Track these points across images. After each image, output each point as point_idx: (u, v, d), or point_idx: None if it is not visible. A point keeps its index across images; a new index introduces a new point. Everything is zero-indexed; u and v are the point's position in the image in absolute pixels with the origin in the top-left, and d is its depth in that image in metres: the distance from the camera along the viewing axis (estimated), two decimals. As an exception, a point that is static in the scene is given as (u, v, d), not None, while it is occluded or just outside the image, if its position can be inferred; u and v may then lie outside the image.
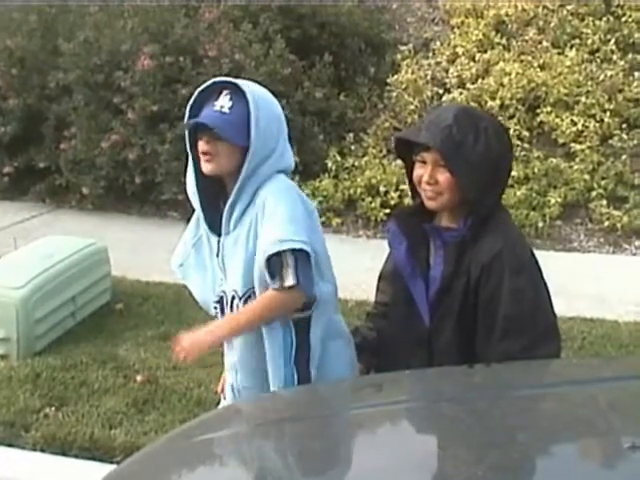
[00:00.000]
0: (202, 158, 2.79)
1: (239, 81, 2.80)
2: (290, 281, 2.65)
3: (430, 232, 2.63)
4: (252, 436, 2.19)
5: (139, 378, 4.78)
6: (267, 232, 2.68)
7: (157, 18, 8.15)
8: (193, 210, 2.97)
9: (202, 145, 2.77)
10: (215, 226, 2.87)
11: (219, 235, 2.86)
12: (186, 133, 2.88)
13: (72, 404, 4.53)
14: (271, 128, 2.79)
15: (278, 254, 2.64)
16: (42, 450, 4.15)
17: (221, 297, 2.89)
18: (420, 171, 2.55)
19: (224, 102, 2.76)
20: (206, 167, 2.79)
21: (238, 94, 2.75)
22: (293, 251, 2.64)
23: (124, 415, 4.41)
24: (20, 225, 7.81)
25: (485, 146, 2.48)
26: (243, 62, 7.76)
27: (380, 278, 2.93)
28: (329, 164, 8.07)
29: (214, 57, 7.74)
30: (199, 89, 2.85)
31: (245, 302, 2.79)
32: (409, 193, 2.78)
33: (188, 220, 3.04)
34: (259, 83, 2.96)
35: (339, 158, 8.16)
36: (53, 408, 4.46)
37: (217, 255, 2.88)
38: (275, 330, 2.77)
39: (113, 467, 3.14)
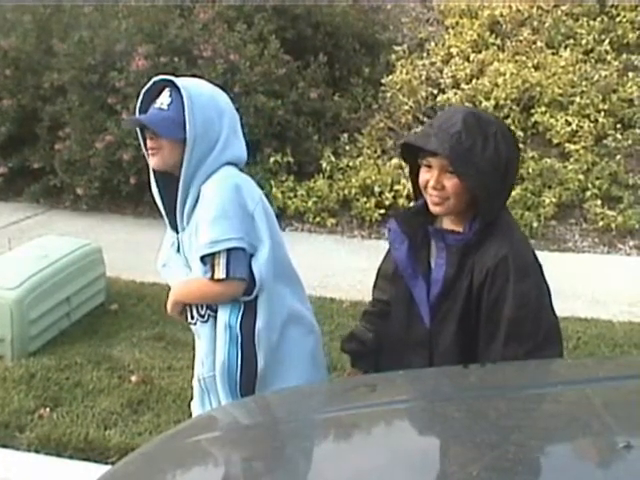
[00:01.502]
0: (149, 153, 2.91)
1: (175, 78, 2.89)
2: (219, 275, 2.83)
3: (433, 234, 2.61)
4: (246, 437, 2.19)
5: (134, 379, 4.77)
6: (201, 232, 2.83)
7: (151, 18, 8.15)
8: None
9: (148, 141, 2.90)
10: (174, 223, 2.99)
11: (177, 232, 2.99)
12: (138, 132, 2.98)
13: (67, 405, 4.52)
14: (211, 121, 2.87)
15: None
16: (36, 451, 4.14)
17: None
18: (426, 176, 2.53)
19: (164, 99, 2.87)
20: (152, 161, 2.92)
21: (178, 91, 2.85)
22: (227, 249, 2.81)
23: (119, 416, 4.40)
24: (15, 226, 7.80)
25: (494, 151, 2.46)
26: (238, 62, 7.77)
27: (378, 275, 2.92)
28: (324, 164, 8.08)
29: (209, 57, 7.74)
30: (144, 89, 2.96)
31: None
32: (403, 194, 2.79)
33: None
34: (254, 83, 3.01)
35: (334, 158, 8.17)
36: (48, 409, 4.45)
37: (178, 251, 3.01)
38: (223, 309, 2.91)
39: (108, 468, 3.14)
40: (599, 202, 7.54)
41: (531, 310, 2.48)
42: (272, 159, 7.92)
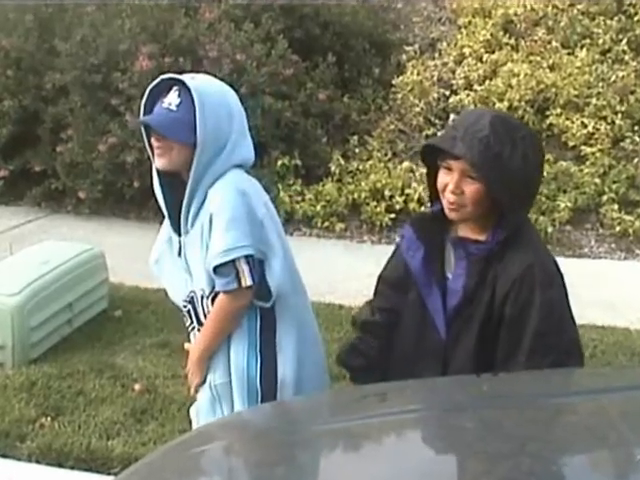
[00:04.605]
0: (155, 154, 2.89)
1: (186, 77, 2.86)
2: (246, 282, 2.82)
3: (453, 243, 2.59)
4: (254, 447, 2.20)
5: (137, 387, 4.78)
6: (213, 240, 2.81)
7: (156, 17, 8.16)
8: None
9: (153, 141, 2.87)
10: (177, 225, 2.97)
11: (180, 235, 2.97)
12: (142, 130, 2.96)
13: (68, 414, 4.53)
14: (222, 123, 2.86)
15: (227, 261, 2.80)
16: (38, 461, 4.15)
17: (191, 297, 3.01)
18: (446, 179, 2.50)
19: (172, 99, 2.84)
20: (158, 163, 2.89)
21: (187, 90, 2.82)
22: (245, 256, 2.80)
23: (122, 425, 4.41)
24: (16, 230, 7.82)
25: (522, 158, 2.43)
26: (244, 63, 7.77)
27: (380, 282, 2.86)
28: (332, 168, 8.08)
29: (215, 58, 7.74)
30: (150, 87, 2.93)
31: (212, 301, 2.92)
32: (414, 198, 2.78)
33: None
34: (261, 84, 3.01)
35: (343, 161, 8.16)
36: (49, 418, 4.46)
37: (179, 255, 2.99)
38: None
39: (111, 479, 3.15)
40: (616, 206, 7.51)
41: (555, 321, 2.47)
42: (279, 162, 7.93)
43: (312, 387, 3.00)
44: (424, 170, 2.76)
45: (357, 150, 8.36)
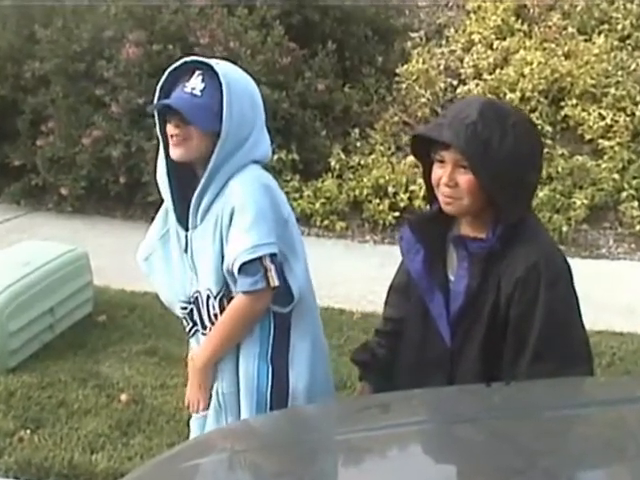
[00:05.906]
0: (171, 142, 2.86)
1: (212, 61, 2.84)
2: (274, 282, 2.81)
3: (454, 242, 2.60)
4: (250, 460, 2.19)
5: (123, 397, 4.78)
6: (235, 236, 2.79)
7: (143, 2, 8.16)
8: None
9: (171, 129, 2.84)
10: (184, 219, 2.94)
11: (187, 229, 2.94)
12: (155, 115, 2.94)
13: (49, 426, 4.53)
14: (246, 113, 2.85)
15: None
16: (16, 477, 4.15)
17: (196, 298, 2.98)
18: (439, 172, 2.53)
19: (196, 84, 2.82)
20: (175, 152, 2.86)
21: (211, 75, 2.81)
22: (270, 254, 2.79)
23: (107, 438, 4.41)
24: (-7, 229, 7.82)
25: (513, 145, 2.45)
26: (238, 50, 7.77)
27: (391, 290, 2.91)
28: (332, 163, 8.08)
29: (206, 45, 7.74)
30: (170, 69, 2.92)
31: (220, 302, 2.90)
32: (420, 195, 2.78)
33: None
34: (256, 73, 3.00)
35: (343, 156, 8.16)
36: (28, 431, 4.46)
37: (185, 251, 2.96)
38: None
39: (95, 495, 3.15)
40: (636, 204, 7.52)
41: (561, 323, 2.48)
42: (275, 156, 7.91)
43: (321, 398, 3.00)
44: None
45: (358, 144, 8.36)
